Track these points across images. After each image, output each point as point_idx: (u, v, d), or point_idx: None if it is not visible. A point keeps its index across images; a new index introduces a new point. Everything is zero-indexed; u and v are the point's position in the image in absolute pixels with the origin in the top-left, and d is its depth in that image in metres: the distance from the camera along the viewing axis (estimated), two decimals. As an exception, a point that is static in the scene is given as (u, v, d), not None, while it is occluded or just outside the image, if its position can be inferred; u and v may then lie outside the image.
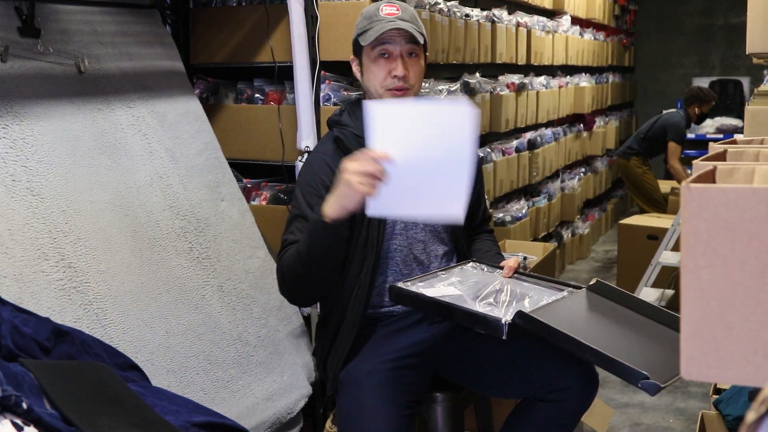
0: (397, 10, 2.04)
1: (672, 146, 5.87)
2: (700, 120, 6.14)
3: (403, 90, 2.04)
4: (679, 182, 5.78)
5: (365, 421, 1.88)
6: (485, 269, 2.09)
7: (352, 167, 1.71)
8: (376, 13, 2.05)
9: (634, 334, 1.83)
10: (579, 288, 1.97)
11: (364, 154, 1.71)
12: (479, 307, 1.83)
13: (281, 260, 1.98)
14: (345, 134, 2.09)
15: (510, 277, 2.03)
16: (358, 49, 2.10)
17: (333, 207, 1.78)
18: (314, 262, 1.88)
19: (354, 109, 2.13)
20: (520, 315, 1.72)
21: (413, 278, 2.00)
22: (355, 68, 2.14)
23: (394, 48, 2.02)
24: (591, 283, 1.98)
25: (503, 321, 1.73)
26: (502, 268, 2.07)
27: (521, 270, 2.07)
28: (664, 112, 6.18)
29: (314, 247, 1.85)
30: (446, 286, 1.95)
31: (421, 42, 2.05)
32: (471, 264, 2.12)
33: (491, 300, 1.88)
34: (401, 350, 2.02)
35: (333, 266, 1.94)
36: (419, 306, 1.93)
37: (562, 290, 1.97)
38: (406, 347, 2.03)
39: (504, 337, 1.73)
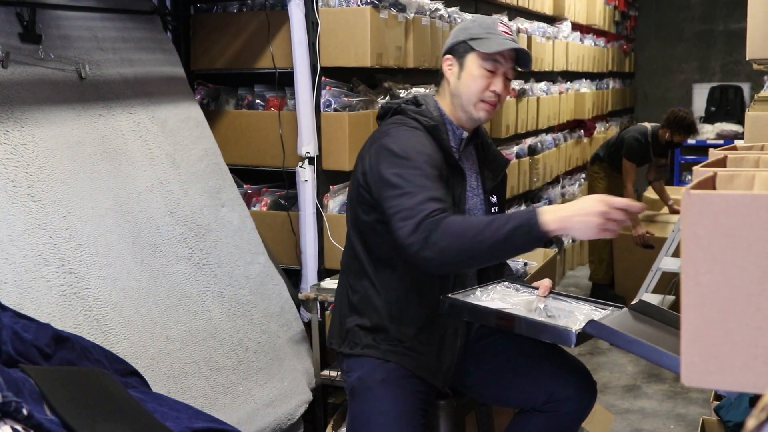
0: (510, 31, 2.06)
1: (625, 164, 5.18)
2: (668, 147, 5.25)
3: (495, 105, 2.06)
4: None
5: (381, 430, 1.88)
6: (519, 289, 2.09)
7: (616, 214, 1.64)
8: (493, 26, 2.05)
9: None
10: (620, 307, 1.96)
11: (626, 205, 1.65)
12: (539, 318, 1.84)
13: (442, 223, 1.72)
14: (423, 123, 1.99)
15: (545, 296, 2.04)
16: (462, 51, 2.05)
17: (557, 224, 1.67)
18: (495, 250, 1.73)
19: (427, 102, 2.08)
20: (591, 324, 1.71)
21: (456, 293, 1.98)
22: (447, 67, 2.08)
23: (501, 66, 2.03)
24: (633, 302, 1.97)
25: (574, 330, 1.72)
26: (534, 288, 2.07)
27: (554, 291, 2.07)
28: (638, 125, 5.54)
29: (509, 242, 1.70)
30: (493, 301, 1.95)
31: (520, 69, 2.08)
32: (504, 284, 2.12)
33: (543, 314, 1.88)
34: None
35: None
36: (477, 316, 1.91)
37: (605, 308, 1.96)
38: None
39: (572, 346, 1.73)
